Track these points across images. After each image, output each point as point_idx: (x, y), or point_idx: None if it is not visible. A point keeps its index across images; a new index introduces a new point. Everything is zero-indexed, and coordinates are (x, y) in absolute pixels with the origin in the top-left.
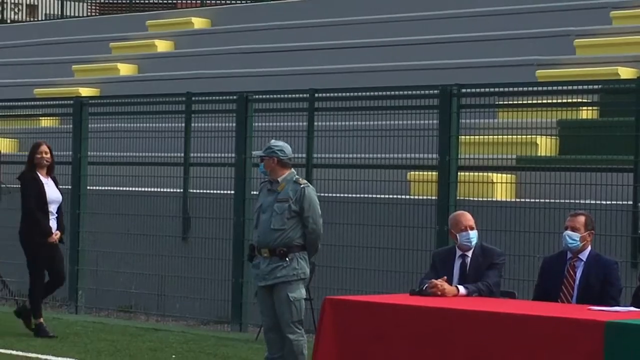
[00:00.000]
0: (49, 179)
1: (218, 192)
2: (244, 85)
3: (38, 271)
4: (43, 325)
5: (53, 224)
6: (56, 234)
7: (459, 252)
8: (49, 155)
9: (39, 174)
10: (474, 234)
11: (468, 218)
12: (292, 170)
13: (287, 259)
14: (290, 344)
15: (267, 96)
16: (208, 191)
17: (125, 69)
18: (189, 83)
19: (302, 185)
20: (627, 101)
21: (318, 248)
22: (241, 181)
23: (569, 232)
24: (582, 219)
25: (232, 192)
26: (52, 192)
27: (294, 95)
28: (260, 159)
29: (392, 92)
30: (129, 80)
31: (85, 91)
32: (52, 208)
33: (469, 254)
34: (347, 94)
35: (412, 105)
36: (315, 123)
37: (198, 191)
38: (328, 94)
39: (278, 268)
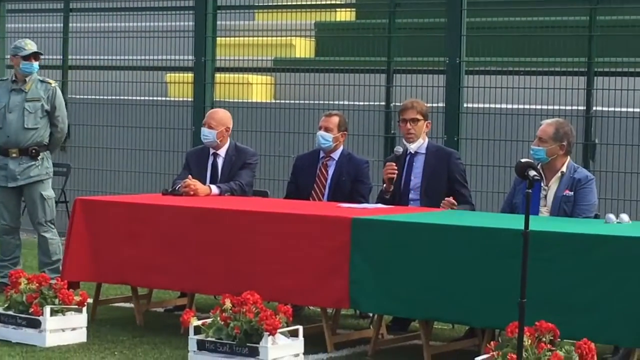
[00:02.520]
0: None
1: None
2: None
3: None
4: None
5: None
6: None
7: (212, 152)
8: None
9: None
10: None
11: (213, 117)
12: None
13: (38, 158)
14: (45, 242)
15: None
16: None
17: None
18: None
19: (53, 85)
20: (382, 3)
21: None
22: None
23: (322, 132)
24: (335, 119)
25: None
26: None
27: None
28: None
29: None
30: None
31: None
32: None
33: (222, 153)
34: None
35: (168, 6)
36: (71, 24)
37: None
38: None
39: (31, 167)
